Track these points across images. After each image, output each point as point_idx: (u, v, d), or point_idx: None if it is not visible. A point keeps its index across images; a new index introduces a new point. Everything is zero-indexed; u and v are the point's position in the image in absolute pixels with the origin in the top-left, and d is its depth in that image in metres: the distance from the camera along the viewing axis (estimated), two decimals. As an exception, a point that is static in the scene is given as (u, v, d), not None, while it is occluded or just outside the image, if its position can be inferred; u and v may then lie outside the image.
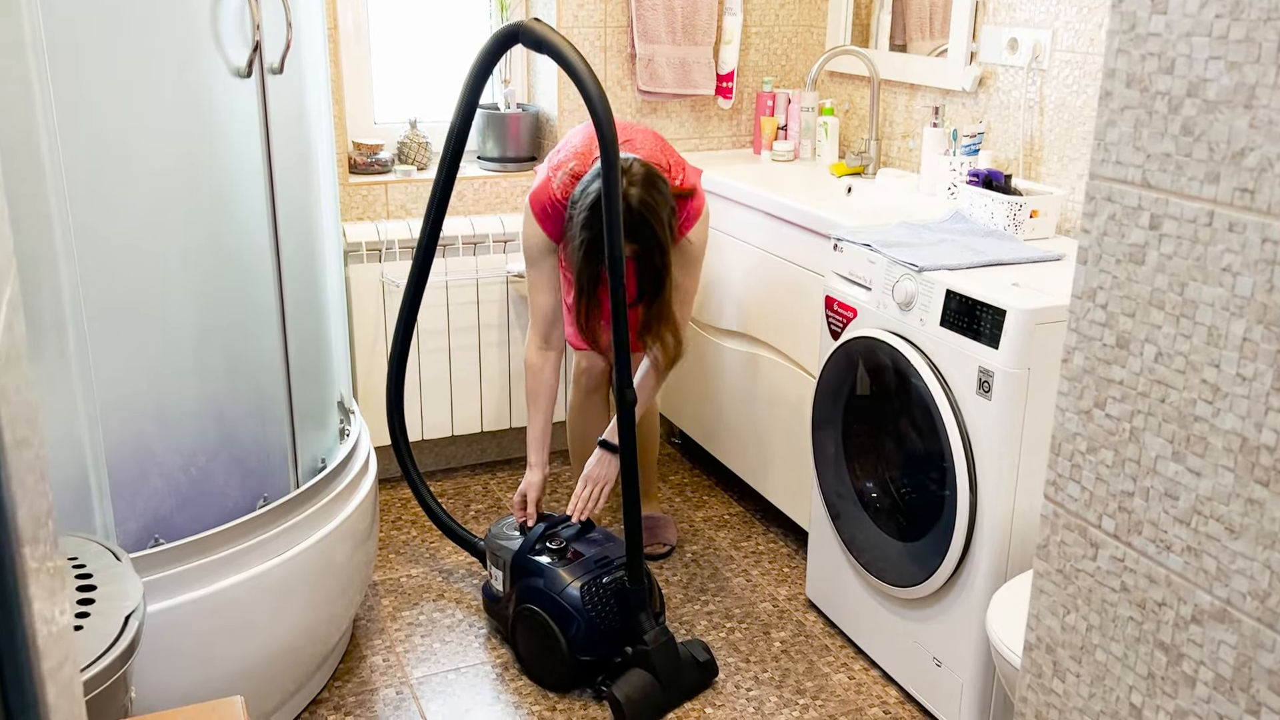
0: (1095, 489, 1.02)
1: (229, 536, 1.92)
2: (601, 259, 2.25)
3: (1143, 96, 0.95)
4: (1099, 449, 1.02)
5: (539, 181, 2.40)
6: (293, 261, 2.05)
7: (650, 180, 2.24)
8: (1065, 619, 1.08)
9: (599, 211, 2.18)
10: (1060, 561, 1.08)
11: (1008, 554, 2.00)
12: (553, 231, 2.38)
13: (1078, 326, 1.02)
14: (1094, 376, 1.01)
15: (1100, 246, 1.01)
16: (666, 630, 2.24)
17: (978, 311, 1.96)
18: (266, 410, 2.01)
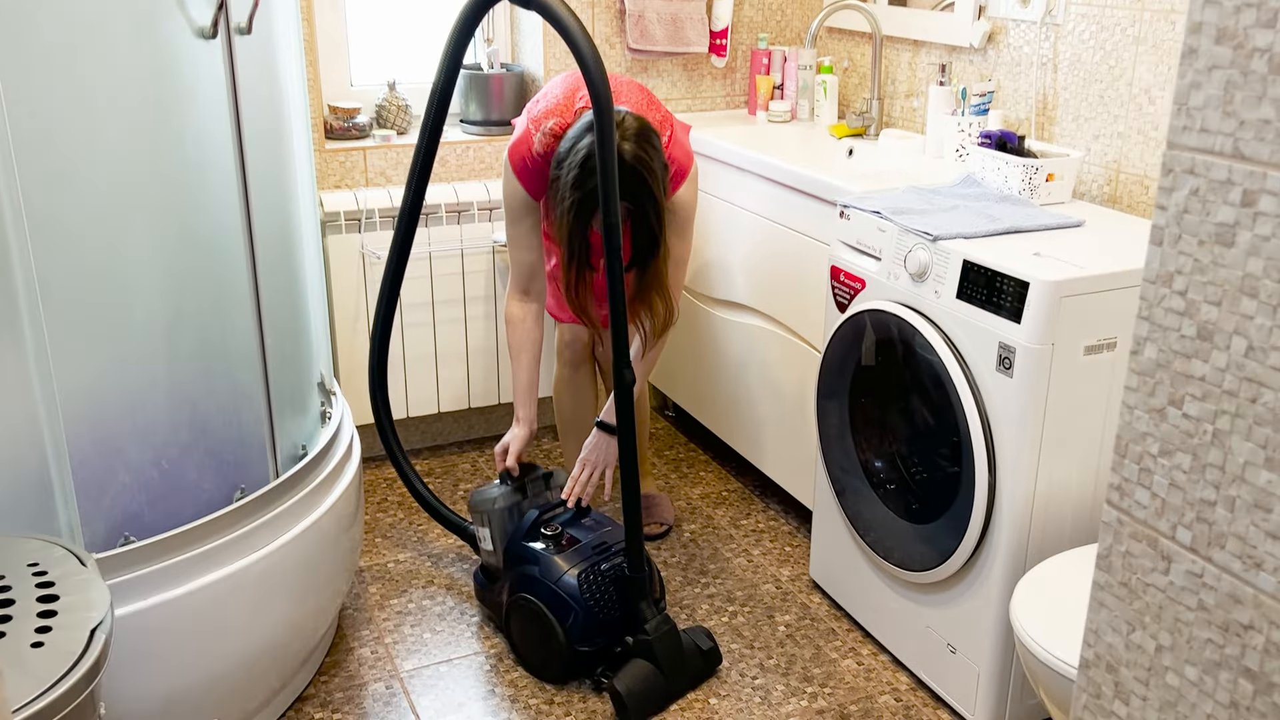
0: (1169, 496, 0.92)
1: (204, 532, 1.80)
2: (593, 222, 2.13)
3: (1236, 54, 0.83)
4: (1174, 452, 0.91)
5: (518, 134, 2.26)
6: (266, 236, 1.91)
7: (643, 134, 2.11)
8: (1130, 637, 0.98)
9: (590, 169, 2.05)
10: (1125, 574, 0.97)
11: (1027, 539, 1.90)
12: (533, 188, 2.25)
13: (1150, 315, 0.91)
14: (1169, 371, 0.91)
15: (1179, 225, 0.89)
16: (668, 618, 2.14)
17: (998, 283, 1.85)
18: (242, 397, 1.88)
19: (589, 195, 2.08)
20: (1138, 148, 2.22)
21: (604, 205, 1.93)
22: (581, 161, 2.07)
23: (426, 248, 2.85)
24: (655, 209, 2.14)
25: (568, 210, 2.12)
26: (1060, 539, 1.93)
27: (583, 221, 2.13)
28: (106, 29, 1.61)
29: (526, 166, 2.23)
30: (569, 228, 2.14)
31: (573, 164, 2.09)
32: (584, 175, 2.08)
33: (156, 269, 1.75)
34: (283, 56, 1.97)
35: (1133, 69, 2.20)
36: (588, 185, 2.08)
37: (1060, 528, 1.93)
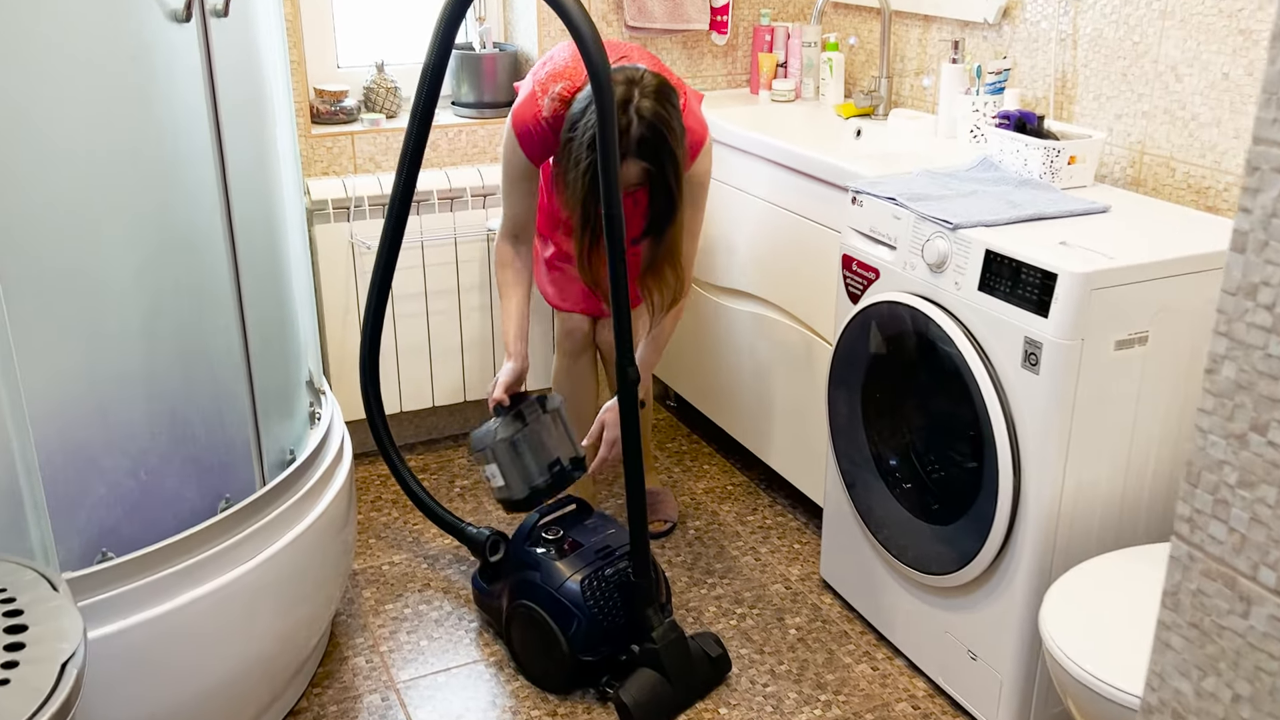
0: (1250, 532, 0.82)
1: (187, 545, 1.70)
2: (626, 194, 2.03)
3: (1340, 38, 0.73)
4: (1257, 484, 0.81)
5: (523, 97, 2.14)
6: (248, 229, 1.81)
7: (663, 92, 2.00)
8: (1202, 684, 0.89)
9: (627, 139, 1.96)
10: (1196, 614, 0.88)
11: (1054, 543, 1.81)
12: (535, 154, 2.15)
13: (1230, 330, 0.82)
14: (1253, 394, 0.81)
15: (1266, 231, 0.79)
16: (675, 625, 2.05)
17: (1023, 275, 1.75)
18: (224, 400, 1.78)
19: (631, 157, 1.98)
20: (1163, 128, 2.12)
21: (605, 195, 1.82)
22: (620, 130, 1.96)
23: (419, 236, 2.74)
24: (675, 170, 2.03)
25: (583, 173, 1.99)
26: (1088, 543, 1.84)
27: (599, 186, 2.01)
28: (73, 13, 1.50)
29: (530, 132, 2.12)
30: (584, 191, 2.00)
31: (588, 124, 1.97)
32: (639, 147, 1.97)
33: (130, 265, 1.65)
34: (263, 39, 1.85)
35: (1158, 45, 2.10)
36: (638, 153, 1.98)
37: (1088, 531, 1.84)
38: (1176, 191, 2.11)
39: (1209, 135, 2.03)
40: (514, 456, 2.17)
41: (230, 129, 1.73)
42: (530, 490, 2.17)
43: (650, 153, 2.00)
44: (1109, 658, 1.51)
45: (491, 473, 2.18)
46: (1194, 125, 2.06)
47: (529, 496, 2.18)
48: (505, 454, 2.17)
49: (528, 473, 2.17)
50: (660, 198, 2.06)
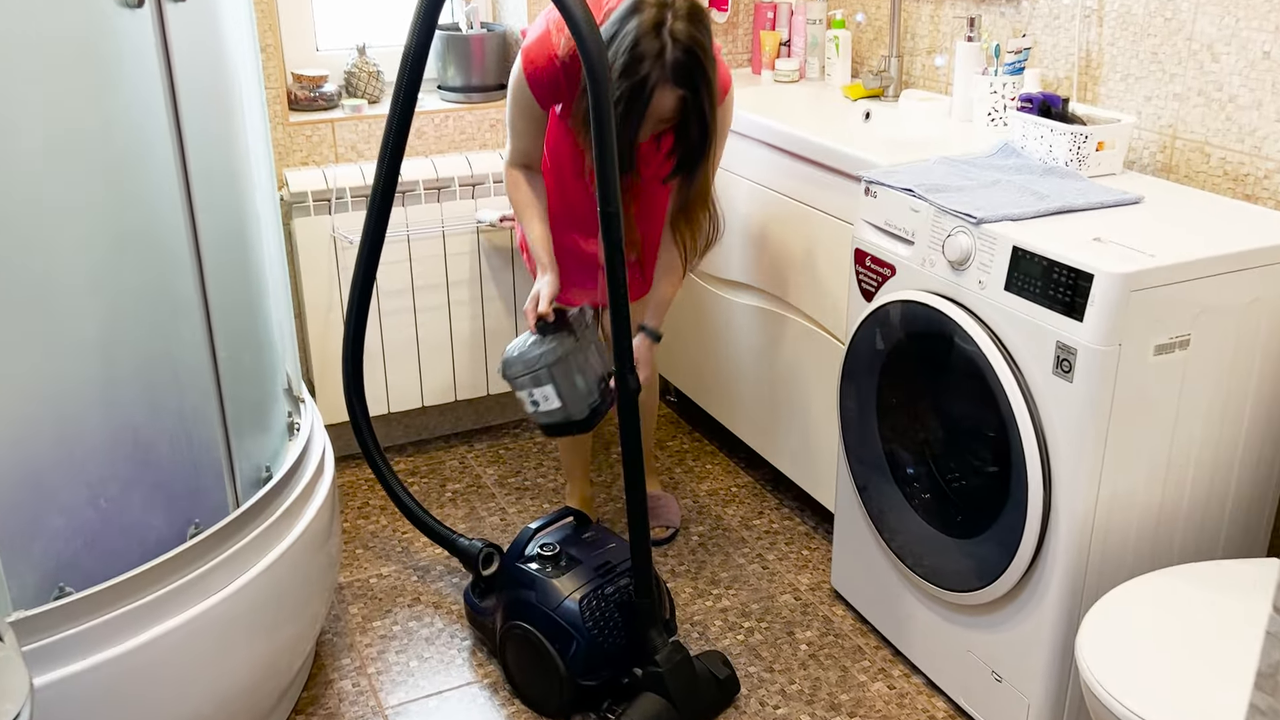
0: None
1: (154, 577, 1.58)
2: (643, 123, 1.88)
3: None
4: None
5: (536, 35, 1.98)
6: (214, 227, 1.67)
7: (696, 13, 1.86)
8: (1305, 781, 0.77)
9: (640, 54, 1.80)
10: (1299, 701, 0.76)
11: (1087, 561, 1.69)
12: (545, 97, 2.00)
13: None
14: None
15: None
16: (680, 646, 1.93)
17: (1054, 274, 1.62)
18: (192, 418, 1.65)
19: (639, 85, 1.82)
20: (1197, 111, 1.98)
21: (601, 191, 1.68)
22: (631, 46, 1.81)
23: (404, 229, 2.60)
24: (710, 98, 1.89)
25: (613, 105, 1.82)
26: (1123, 558, 1.72)
27: (632, 119, 1.87)
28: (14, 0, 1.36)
29: (541, 72, 1.96)
30: (619, 121, 1.86)
31: (620, 49, 1.82)
32: (633, 62, 1.82)
33: (85, 270, 1.51)
34: (228, 23, 1.71)
35: (1192, 22, 1.95)
36: (638, 73, 1.82)
37: (1123, 545, 1.71)
38: (1211, 179, 1.97)
39: (1248, 119, 1.89)
40: (570, 374, 1.98)
41: (191, 121, 1.59)
42: (590, 410, 2.00)
43: (686, 78, 1.85)
44: (1157, 697, 1.38)
45: (541, 396, 1.99)
46: (1231, 108, 1.92)
47: (589, 416, 2.00)
48: (565, 374, 1.97)
49: (587, 390, 1.99)
50: (694, 128, 1.92)
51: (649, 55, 1.81)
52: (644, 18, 1.82)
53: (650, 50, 1.81)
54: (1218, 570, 1.62)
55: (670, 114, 1.90)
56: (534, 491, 2.68)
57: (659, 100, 1.86)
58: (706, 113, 1.90)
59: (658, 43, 1.81)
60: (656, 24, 1.82)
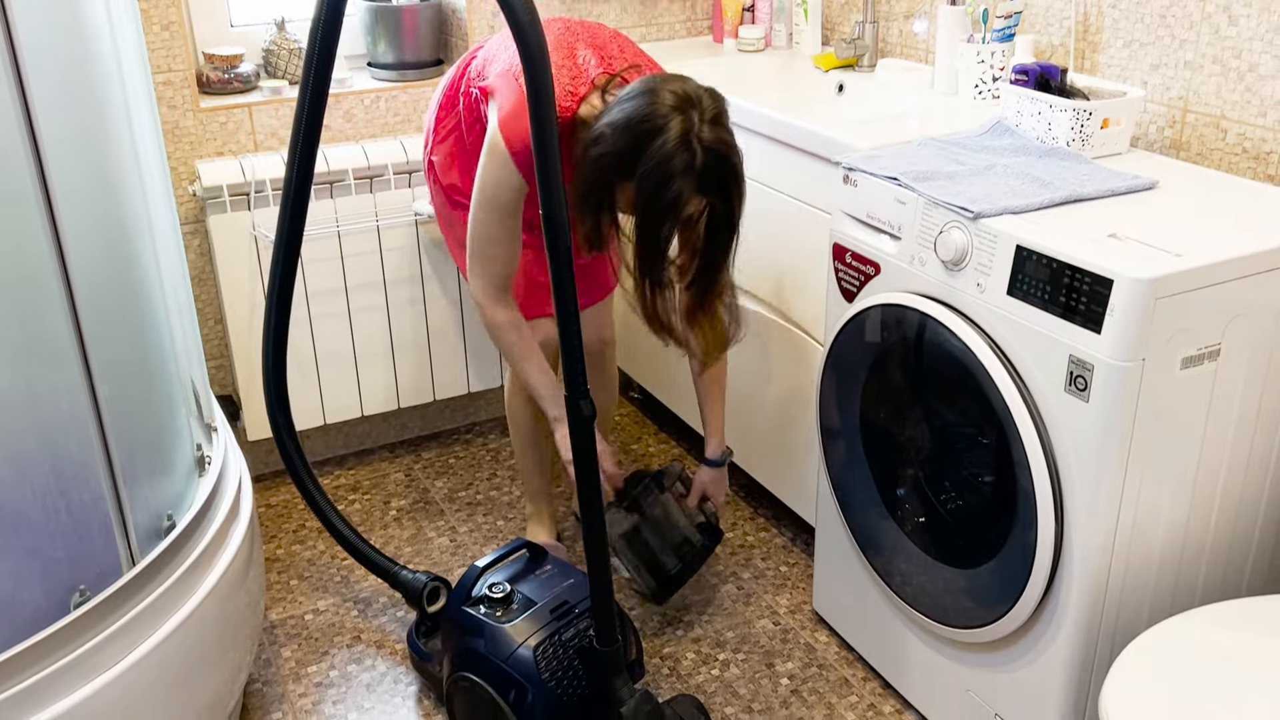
0: None
1: (31, 657, 1.35)
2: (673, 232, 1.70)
3: None
4: None
5: (512, 105, 1.73)
6: (87, 245, 1.42)
7: (720, 112, 1.66)
8: None
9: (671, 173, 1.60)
10: None
11: (1104, 598, 1.50)
12: (531, 175, 1.76)
13: None
14: None
15: None
16: (649, 696, 1.72)
17: (1066, 278, 1.41)
18: (70, 472, 1.41)
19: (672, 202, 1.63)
20: (1212, 80, 1.77)
21: (542, 188, 1.44)
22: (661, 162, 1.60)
23: (334, 224, 2.35)
24: (741, 202, 1.71)
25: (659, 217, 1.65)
26: (1144, 595, 1.53)
27: (664, 232, 1.67)
28: None
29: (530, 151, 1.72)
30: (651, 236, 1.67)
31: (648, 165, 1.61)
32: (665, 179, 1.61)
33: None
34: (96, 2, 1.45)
35: (1206, -20, 1.74)
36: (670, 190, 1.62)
37: (1144, 581, 1.52)
38: (1228, 158, 1.77)
39: (1270, 89, 1.69)
40: (638, 549, 1.96)
41: (50, 120, 1.33)
42: (660, 584, 2.02)
43: (718, 187, 1.66)
44: (1198, 775, 1.19)
45: (618, 565, 1.96)
46: (1251, 77, 1.71)
47: (662, 587, 2.03)
48: (626, 550, 1.95)
49: (657, 563, 2.00)
50: (723, 233, 1.73)
51: (679, 171, 1.61)
52: (672, 130, 1.60)
53: (681, 165, 1.60)
54: (1257, 610, 1.43)
55: (692, 217, 1.71)
56: (487, 506, 2.46)
57: (690, 209, 1.67)
58: (736, 218, 1.72)
59: (688, 155, 1.61)
60: (684, 133, 1.60)
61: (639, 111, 1.62)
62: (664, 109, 1.61)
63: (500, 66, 1.81)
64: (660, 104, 1.61)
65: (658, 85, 1.64)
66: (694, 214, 1.70)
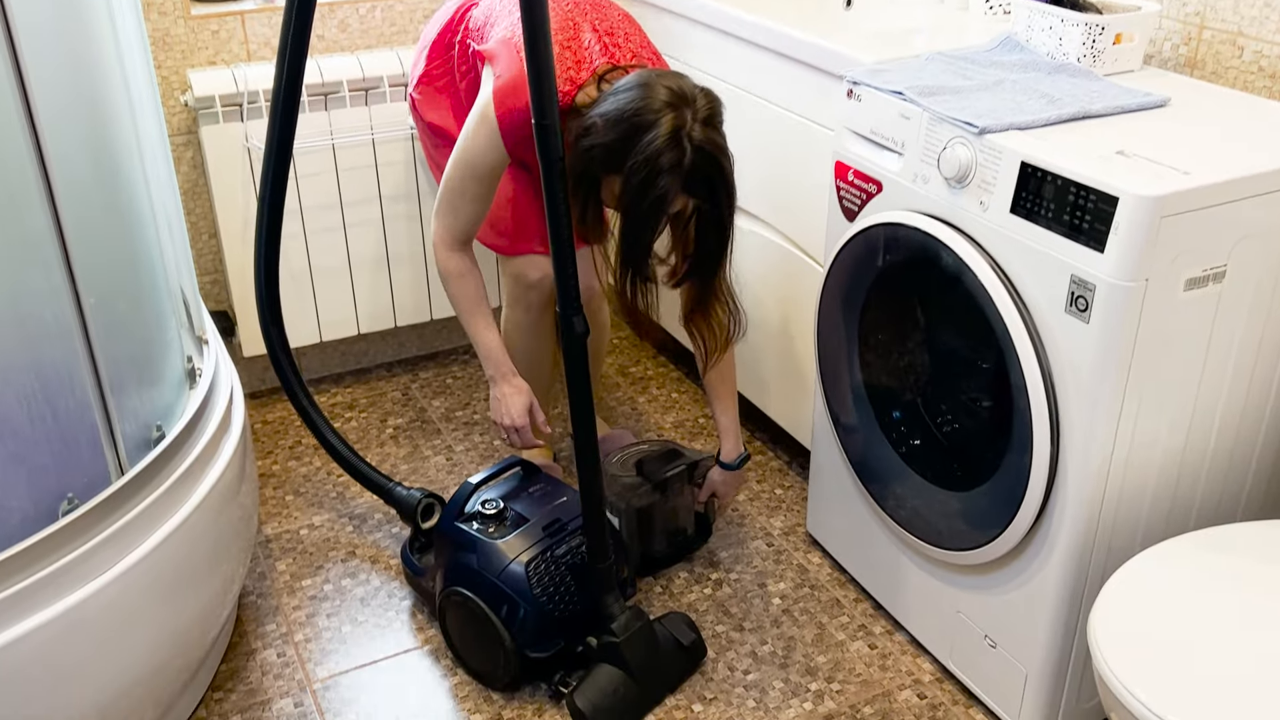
0: None
1: (18, 564, 1.35)
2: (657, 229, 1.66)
3: None
4: None
5: (510, 78, 1.69)
6: (69, 150, 1.39)
7: (714, 112, 1.63)
8: None
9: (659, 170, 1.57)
10: None
11: (1098, 522, 1.49)
12: (520, 148, 1.73)
13: None
14: None
15: None
16: (640, 612, 1.73)
17: (1070, 196, 1.37)
18: (56, 381, 1.39)
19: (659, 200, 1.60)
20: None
21: (535, 106, 1.41)
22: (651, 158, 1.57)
23: (329, 137, 2.31)
24: (730, 206, 1.69)
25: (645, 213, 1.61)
26: (1138, 518, 1.52)
27: (648, 229, 1.64)
28: None
29: (518, 126, 1.69)
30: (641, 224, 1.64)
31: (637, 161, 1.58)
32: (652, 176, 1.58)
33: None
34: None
35: (1229, -111, 1.68)
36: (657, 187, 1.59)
37: (1139, 505, 1.51)
38: (1244, 76, 1.72)
39: (1291, 5, 1.63)
40: (641, 523, 1.96)
41: (26, 21, 1.29)
42: (644, 557, 2.02)
43: (705, 188, 1.63)
44: (1184, 694, 1.19)
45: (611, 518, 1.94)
46: (1272, -8, 1.65)
47: (644, 563, 2.03)
48: (633, 520, 1.95)
49: (650, 541, 2.00)
50: (711, 236, 1.71)
51: (666, 168, 1.57)
52: (662, 126, 1.56)
53: (669, 163, 1.57)
54: (1248, 536, 1.42)
55: (686, 215, 1.69)
56: (483, 426, 2.46)
57: (676, 207, 1.64)
58: (725, 220, 1.68)
59: (676, 152, 1.57)
60: (675, 129, 1.57)
61: (631, 105, 1.59)
62: (657, 104, 1.58)
63: (502, 32, 1.77)
64: (654, 99, 1.58)
65: (653, 80, 1.61)
66: (680, 213, 1.68)
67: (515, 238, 1.97)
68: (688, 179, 1.59)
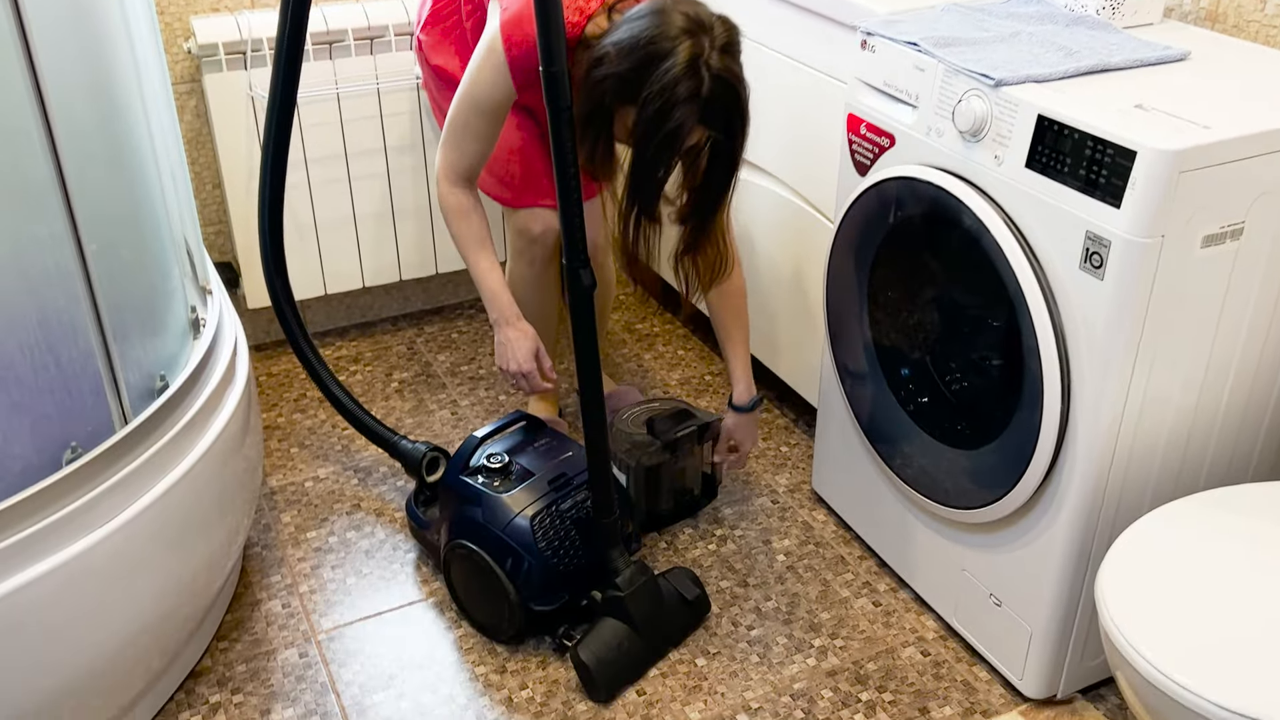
0: None
1: (20, 513, 1.34)
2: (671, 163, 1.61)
3: None
4: None
5: (517, 10, 1.65)
6: (68, 90, 1.36)
7: (733, 41, 1.58)
8: None
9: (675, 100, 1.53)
10: None
11: (1107, 482, 1.48)
12: (528, 83, 1.69)
13: None
14: None
15: None
16: (645, 567, 1.73)
17: (1088, 150, 1.35)
18: (58, 329, 1.38)
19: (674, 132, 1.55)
20: (1255, -53, 1.67)
21: (543, 53, 1.38)
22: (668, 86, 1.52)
23: (333, 86, 2.28)
24: (744, 139, 1.64)
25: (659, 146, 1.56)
26: (1147, 478, 1.51)
27: (662, 163, 1.59)
28: None
29: (526, 57, 1.65)
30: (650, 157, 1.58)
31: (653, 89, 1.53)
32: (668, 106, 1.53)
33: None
34: None
35: None
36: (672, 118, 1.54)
37: (1149, 465, 1.50)
38: (1266, 30, 1.68)
39: (1317, -43, 1.59)
40: (649, 482, 1.95)
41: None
42: (650, 515, 2.01)
43: (722, 120, 1.58)
44: (1193, 656, 1.19)
45: (618, 474, 1.95)
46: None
47: (648, 522, 2.02)
48: (641, 479, 1.94)
49: (656, 500, 2.00)
50: (720, 170, 1.66)
51: (683, 99, 1.52)
52: (679, 54, 1.51)
53: (686, 92, 1.52)
54: (1259, 496, 1.41)
55: (699, 147, 1.64)
56: (489, 381, 2.45)
57: (691, 140, 1.59)
58: (737, 154, 1.64)
59: (694, 82, 1.52)
60: (693, 59, 1.52)
61: (646, 33, 1.54)
62: (673, 31, 1.53)
63: None
64: (670, 26, 1.53)
65: (669, 6, 1.56)
66: (694, 146, 1.63)
67: (521, 190, 1.94)
68: (705, 110, 1.55)
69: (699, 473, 2.04)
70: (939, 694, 1.69)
